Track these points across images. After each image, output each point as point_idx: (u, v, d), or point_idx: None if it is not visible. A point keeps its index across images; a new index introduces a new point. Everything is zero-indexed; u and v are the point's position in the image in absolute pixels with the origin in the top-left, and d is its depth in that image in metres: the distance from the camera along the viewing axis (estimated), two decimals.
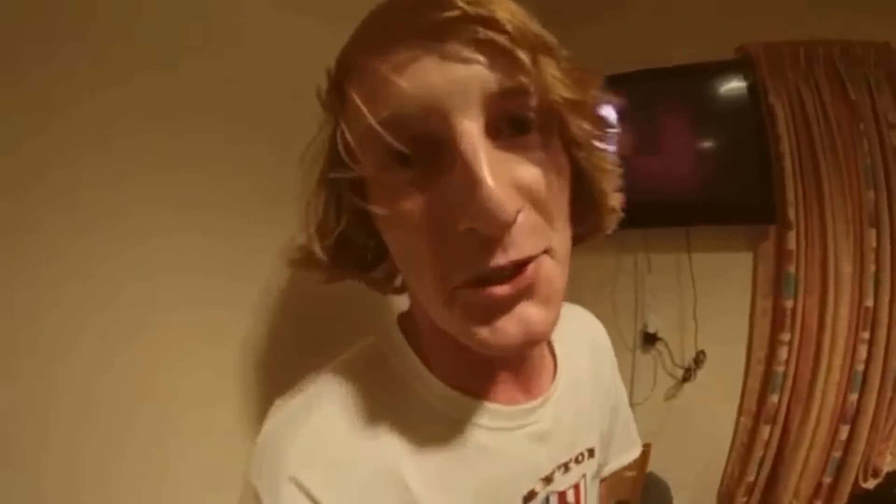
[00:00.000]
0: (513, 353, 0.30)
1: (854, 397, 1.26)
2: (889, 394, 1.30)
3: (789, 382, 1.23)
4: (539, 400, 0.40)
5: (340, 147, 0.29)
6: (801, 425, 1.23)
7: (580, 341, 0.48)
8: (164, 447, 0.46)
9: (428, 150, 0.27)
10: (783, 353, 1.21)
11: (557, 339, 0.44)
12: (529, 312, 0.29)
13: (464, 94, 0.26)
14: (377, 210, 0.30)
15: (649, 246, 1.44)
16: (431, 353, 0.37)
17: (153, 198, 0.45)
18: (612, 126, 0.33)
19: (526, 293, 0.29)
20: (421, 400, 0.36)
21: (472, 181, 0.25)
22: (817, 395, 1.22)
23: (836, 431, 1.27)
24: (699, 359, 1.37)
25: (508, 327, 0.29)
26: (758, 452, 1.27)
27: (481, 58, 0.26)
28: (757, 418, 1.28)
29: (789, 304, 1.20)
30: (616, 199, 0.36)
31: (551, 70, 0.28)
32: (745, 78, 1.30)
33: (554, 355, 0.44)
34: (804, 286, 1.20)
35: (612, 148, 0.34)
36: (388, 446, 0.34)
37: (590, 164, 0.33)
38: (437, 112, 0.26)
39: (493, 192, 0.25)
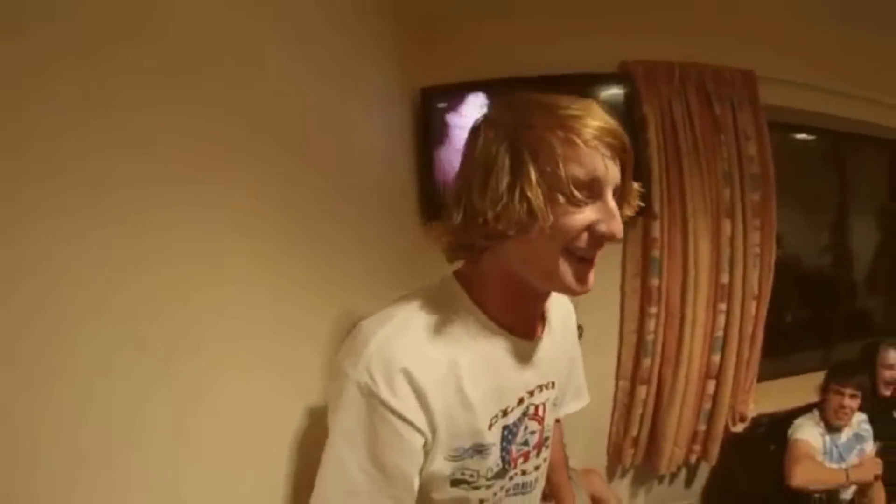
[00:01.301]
0: (579, 294, 0.52)
1: (716, 358, 1.50)
2: (746, 354, 1.54)
3: (659, 348, 1.46)
4: (535, 340, 0.59)
5: (541, 174, 0.48)
6: (673, 384, 1.47)
7: (560, 312, 0.66)
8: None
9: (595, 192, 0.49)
10: (651, 324, 1.44)
11: (550, 307, 0.63)
12: (591, 278, 0.52)
13: (612, 177, 0.49)
14: (550, 212, 0.48)
15: None
16: (483, 299, 0.55)
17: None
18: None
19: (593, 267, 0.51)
20: (471, 326, 0.54)
21: (613, 215, 0.48)
22: (684, 357, 1.45)
23: (703, 387, 1.52)
24: (579, 333, 1.58)
25: (588, 280, 0.51)
26: (637, 410, 1.50)
27: (617, 164, 0.49)
28: (633, 381, 1.51)
29: (655, 282, 1.43)
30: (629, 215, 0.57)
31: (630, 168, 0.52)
32: (624, 88, 1.47)
33: (545, 316, 0.62)
34: (668, 267, 1.43)
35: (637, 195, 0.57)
36: (452, 353, 0.52)
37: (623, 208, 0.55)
38: (604, 181, 0.48)
39: (618, 219, 0.49)
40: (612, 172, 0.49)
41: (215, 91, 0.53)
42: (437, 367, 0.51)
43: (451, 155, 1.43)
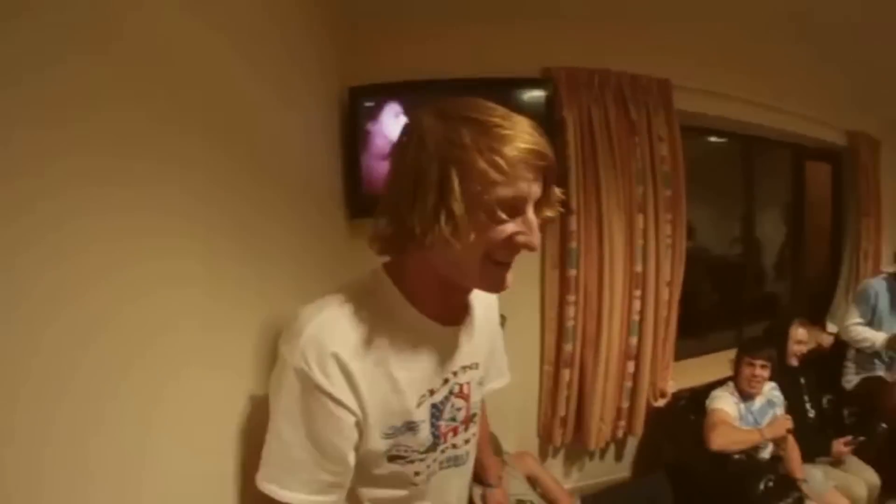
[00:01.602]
0: (499, 291, 0.57)
1: (634, 340, 1.63)
2: (662, 335, 1.68)
3: (579, 333, 1.58)
4: (458, 327, 0.65)
5: (466, 190, 0.50)
6: (595, 366, 1.58)
7: (483, 301, 0.71)
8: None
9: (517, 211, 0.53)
10: (571, 311, 1.56)
11: (474, 298, 0.69)
12: (509, 279, 0.56)
13: (532, 194, 0.52)
14: (475, 225, 0.52)
15: None
16: (410, 290, 0.60)
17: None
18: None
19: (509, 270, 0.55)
20: (399, 315, 0.59)
21: (532, 229, 0.52)
22: (603, 341, 1.57)
23: (624, 367, 1.64)
24: (502, 322, 1.66)
25: (505, 281, 0.55)
26: (563, 392, 1.61)
27: (538, 181, 0.53)
28: (557, 365, 1.62)
29: (573, 272, 1.54)
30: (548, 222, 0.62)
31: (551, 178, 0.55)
32: (546, 92, 1.55)
33: (469, 305, 0.68)
34: (584, 258, 1.54)
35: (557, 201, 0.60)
36: (381, 339, 0.57)
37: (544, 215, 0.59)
38: (526, 198, 0.52)
39: (538, 235, 0.53)
40: (533, 190, 0.53)
41: (144, 91, 0.53)
42: (366, 353, 0.56)
43: (377, 153, 1.47)
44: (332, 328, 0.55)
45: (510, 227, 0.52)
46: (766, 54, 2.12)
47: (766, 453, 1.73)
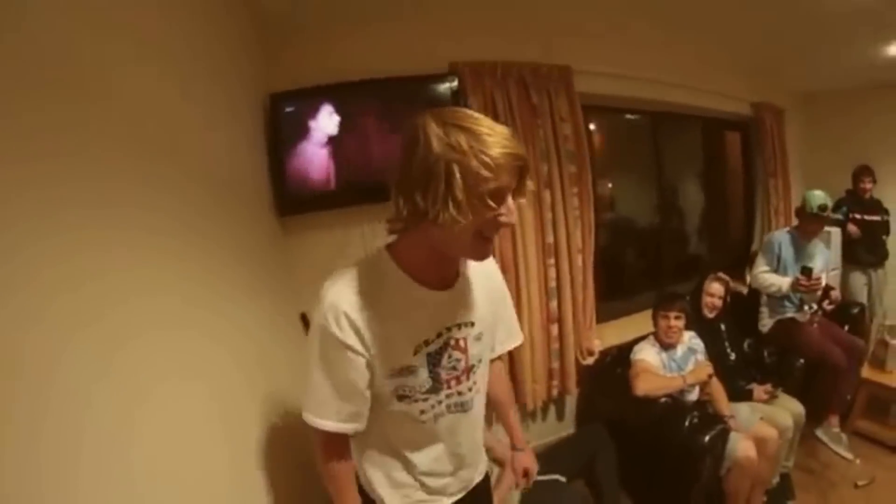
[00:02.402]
0: (484, 259, 0.73)
1: (554, 304, 1.76)
2: (581, 298, 1.82)
3: None
4: (448, 290, 0.79)
5: (465, 184, 0.64)
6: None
7: (480, 272, 0.86)
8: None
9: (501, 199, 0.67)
10: None
11: (471, 268, 0.84)
12: (490, 249, 0.71)
13: (511, 186, 0.66)
14: (468, 210, 0.66)
15: (372, 219, 1.57)
16: (406, 262, 0.76)
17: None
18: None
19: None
20: (396, 282, 0.75)
21: (511, 211, 0.67)
22: (524, 307, 1.70)
23: (548, 330, 1.77)
24: None
25: (489, 252, 0.71)
26: None
27: (516, 178, 0.67)
28: None
29: None
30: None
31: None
32: (453, 84, 1.69)
33: (459, 272, 0.82)
34: (498, 234, 1.65)
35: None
36: (382, 301, 0.73)
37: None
38: (507, 189, 0.66)
39: (512, 219, 0.68)
40: (512, 183, 0.69)
41: (101, 125, 0.62)
42: (369, 311, 0.74)
43: (300, 154, 1.56)
44: (344, 294, 0.73)
45: (496, 211, 0.68)
46: (666, 35, 2.30)
47: (692, 396, 1.87)
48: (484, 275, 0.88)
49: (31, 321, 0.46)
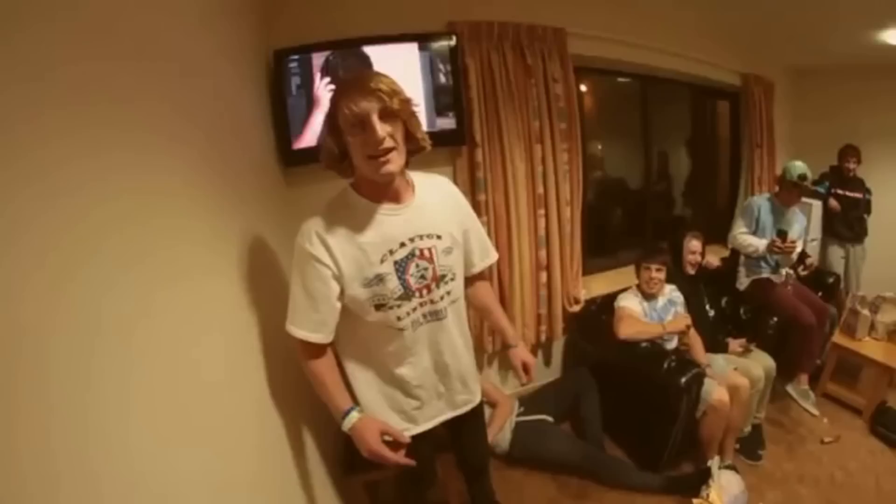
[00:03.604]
0: (384, 179, 0.90)
1: (543, 253, 1.94)
2: (568, 248, 2.01)
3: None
4: (404, 205, 0.97)
5: (340, 123, 0.86)
6: (510, 277, 1.89)
7: (434, 188, 1.04)
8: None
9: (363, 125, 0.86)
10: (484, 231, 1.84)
11: (419, 184, 1.01)
12: (389, 167, 0.87)
13: (371, 110, 0.85)
14: (352, 141, 0.87)
15: None
16: (360, 189, 0.96)
17: None
18: (416, 107, 0.93)
19: (388, 161, 0.87)
20: (356, 206, 0.95)
21: (374, 132, 0.86)
22: (515, 254, 1.88)
23: (537, 277, 1.95)
24: None
25: (384, 169, 0.87)
26: None
27: (375, 100, 0.85)
28: None
29: (482, 197, 1.84)
30: (423, 137, 0.95)
31: (398, 100, 0.87)
32: (451, 43, 1.80)
33: (407, 191, 0.98)
34: (491, 184, 1.84)
35: (419, 117, 0.94)
36: (347, 221, 0.93)
37: (411, 125, 0.92)
38: (366, 114, 0.84)
39: (379, 134, 0.86)
40: (368, 107, 0.84)
41: (134, 77, 0.68)
42: (337, 230, 0.93)
43: (301, 108, 1.69)
44: (317, 219, 0.94)
45: (362, 137, 0.87)
46: (660, 2, 2.43)
47: (671, 345, 2.08)
48: (448, 195, 1.06)
49: (86, 257, 0.53)
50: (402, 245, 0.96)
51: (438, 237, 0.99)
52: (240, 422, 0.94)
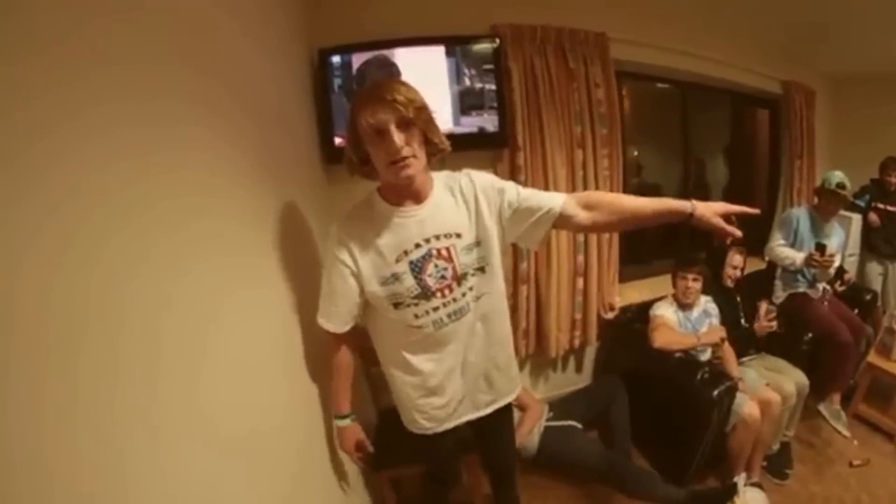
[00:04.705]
0: (405, 182, 0.97)
1: (581, 258, 1.99)
2: (606, 254, 2.05)
3: (532, 254, 1.93)
4: (420, 206, 1.03)
5: (361, 133, 0.95)
6: (548, 281, 1.94)
7: (448, 185, 1.08)
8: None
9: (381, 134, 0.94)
10: None
11: (438, 183, 1.07)
12: (408, 171, 0.95)
13: (389, 121, 0.92)
14: (372, 150, 0.96)
15: None
16: (384, 193, 1.04)
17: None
18: (434, 113, 1.00)
19: (407, 166, 0.94)
20: (378, 209, 1.04)
21: (392, 142, 0.93)
22: (553, 259, 1.93)
23: (574, 283, 2.01)
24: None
25: (403, 173, 0.95)
26: (523, 306, 1.97)
27: (392, 111, 0.92)
28: (515, 283, 1.98)
29: None
30: (441, 140, 1.02)
31: (413, 109, 0.94)
32: (494, 46, 1.86)
33: (427, 192, 1.04)
34: (532, 188, 1.87)
35: (437, 123, 1.00)
36: (368, 222, 1.04)
37: (429, 130, 0.99)
38: (384, 125, 0.92)
39: (397, 144, 0.93)
40: (387, 118, 0.91)
41: (166, 47, 0.68)
42: (358, 232, 1.03)
43: (342, 107, 1.75)
44: (343, 222, 1.05)
45: (382, 143, 0.93)
46: (701, 8, 2.48)
47: (704, 356, 2.11)
48: (466, 188, 1.06)
49: (113, 231, 0.52)
50: (418, 246, 1.02)
51: (458, 235, 1.04)
52: (288, 417, 1.03)
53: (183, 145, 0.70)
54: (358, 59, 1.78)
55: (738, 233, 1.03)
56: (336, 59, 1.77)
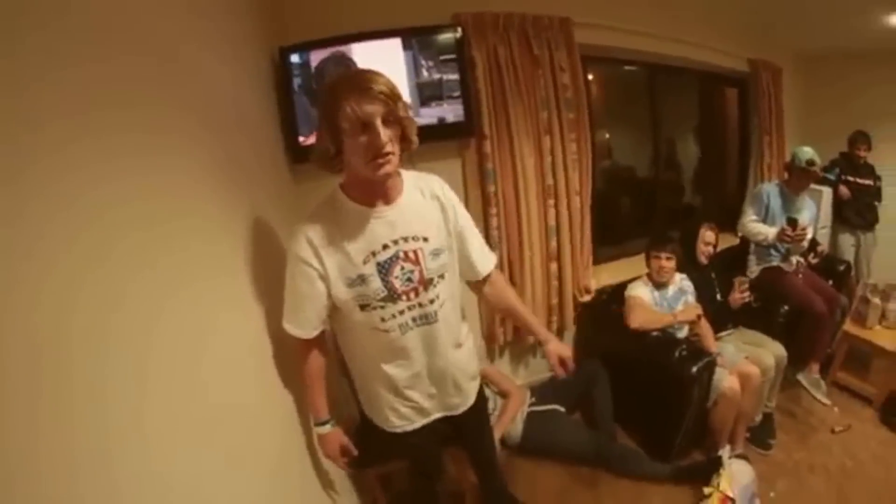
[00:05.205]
0: (381, 179, 0.95)
1: (554, 243, 2.02)
2: (578, 238, 2.08)
3: (505, 240, 1.96)
4: (390, 206, 1.01)
5: (341, 122, 0.89)
6: (522, 268, 1.97)
7: (423, 188, 1.08)
8: None
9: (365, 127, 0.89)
10: (495, 222, 1.93)
11: (409, 184, 1.04)
12: (387, 167, 0.92)
13: (377, 113, 0.89)
14: (350, 142, 0.90)
15: None
16: (349, 190, 1.00)
17: None
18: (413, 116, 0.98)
19: (387, 163, 0.92)
20: (343, 208, 1.00)
21: (378, 136, 0.90)
22: (526, 245, 1.96)
23: (548, 268, 2.04)
24: None
25: (383, 170, 0.92)
26: None
27: (381, 104, 0.89)
28: None
29: (492, 189, 1.91)
30: (415, 136, 0.99)
31: (402, 105, 0.93)
32: (457, 35, 1.86)
33: (399, 191, 1.03)
34: (500, 176, 1.91)
35: (413, 120, 0.98)
36: (333, 222, 0.99)
37: (409, 128, 0.97)
38: (371, 118, 0.88)
39: (383, 139, 0.90)
40: (374, 110, 0.88)
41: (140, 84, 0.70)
42: (324, 232, 0.99)
43: (305, 105, 1.75)
44: (307, 222, 1.00)
45: (364, 139, 0.90)
46: None
47: (682, 334, 2.15)
48: (436, 195, 1.09)
49: (96, 262, 0.54)
50: (386, 247, 1.00)
51: (425, 239, 1.03)
52: (265, 420, 1.01)
53: (134, 175, 0.68)
54: (316, 58, 1.77)
55: (562, 372, 1.25)
56: (295, 57, 1.76)
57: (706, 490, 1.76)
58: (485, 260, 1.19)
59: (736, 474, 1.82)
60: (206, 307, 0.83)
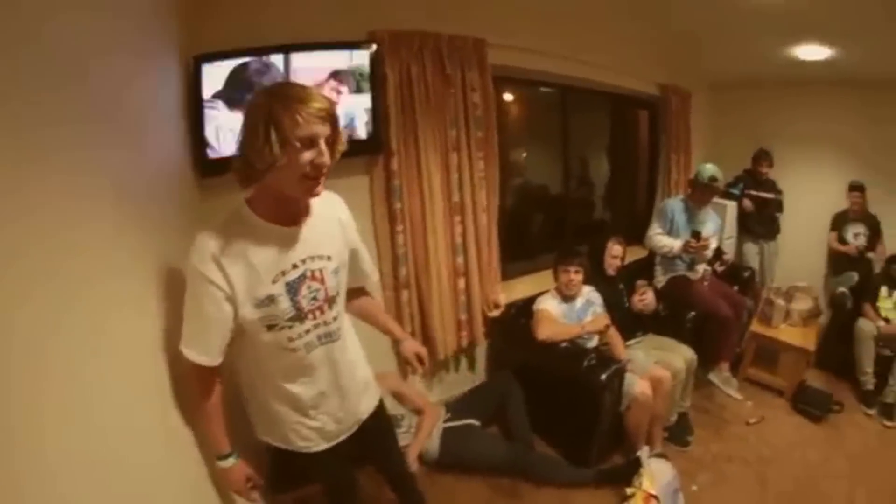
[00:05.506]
0: (308, 199, 0.97)
1: (461, 259, 2.07)
2: (485, 253, 2.15)
3: (411, 258, 1.99)
4: (298, 225, 0.99)
5: (287, 132, 0.86)
6: (429, 284, 2.00)
7: (326, 209, 1.06)
8: None
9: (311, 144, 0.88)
10: (401, 239, 1.96)
11: (315, 203, 1.02)
12: (319, 188, 0.93)
13: (324, 133, 0.89)
14: (289, 156, 0.87)
15: None
16: (258, 208, 0.96)
17: None
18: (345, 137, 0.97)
19: (319, 184, 0.92)
20: (251, 225, 0.95)
21: (322, 154, 0.89)
22: (433, 262, 1.99)
23: (455, 284, 2.08)
24: None
25: (316, 190, 0.92)
26: (406, 311, 2.02)
27: (329, 126, 0.90)
28: (397, 289, 2.02)
29: (398, 205, 1.94)
30: (341, 153, 0.96)
31: (343, 129, 0.94)
32: (371, 52, 1.86)
33: (307, 210, 1.01)
34: (407, 192, 1.95)
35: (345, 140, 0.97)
36: (241, 240, 0.93)
37: (338, 151, 0.94)
38: (317, 137, 0.88)
39: (326, 160, 0.90)
40: (322, 130, 0.89)
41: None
42: (230, 250, 0.94)
43: (219, 117, 1.70)
44: (211, 237, 0.93)
45: (308, 155, 0.89)
46: (580, 16, 2.65)
47: (591, 343, 2.24)
48: (337, 215, 1.10)
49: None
50: (295, 266, 0.99)
51: (328, 258, 1.04)
52: (148, 442, 0.92)
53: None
54: (231, 66, 1.73)
55: (419, 367, 1.32)
56: (208, 66, 1.71)
57: (629, 490, 1.83)
58: (373, 267, 1.28)
59: (656, 473, 1.90)
60: (94, 331, 0.76)
